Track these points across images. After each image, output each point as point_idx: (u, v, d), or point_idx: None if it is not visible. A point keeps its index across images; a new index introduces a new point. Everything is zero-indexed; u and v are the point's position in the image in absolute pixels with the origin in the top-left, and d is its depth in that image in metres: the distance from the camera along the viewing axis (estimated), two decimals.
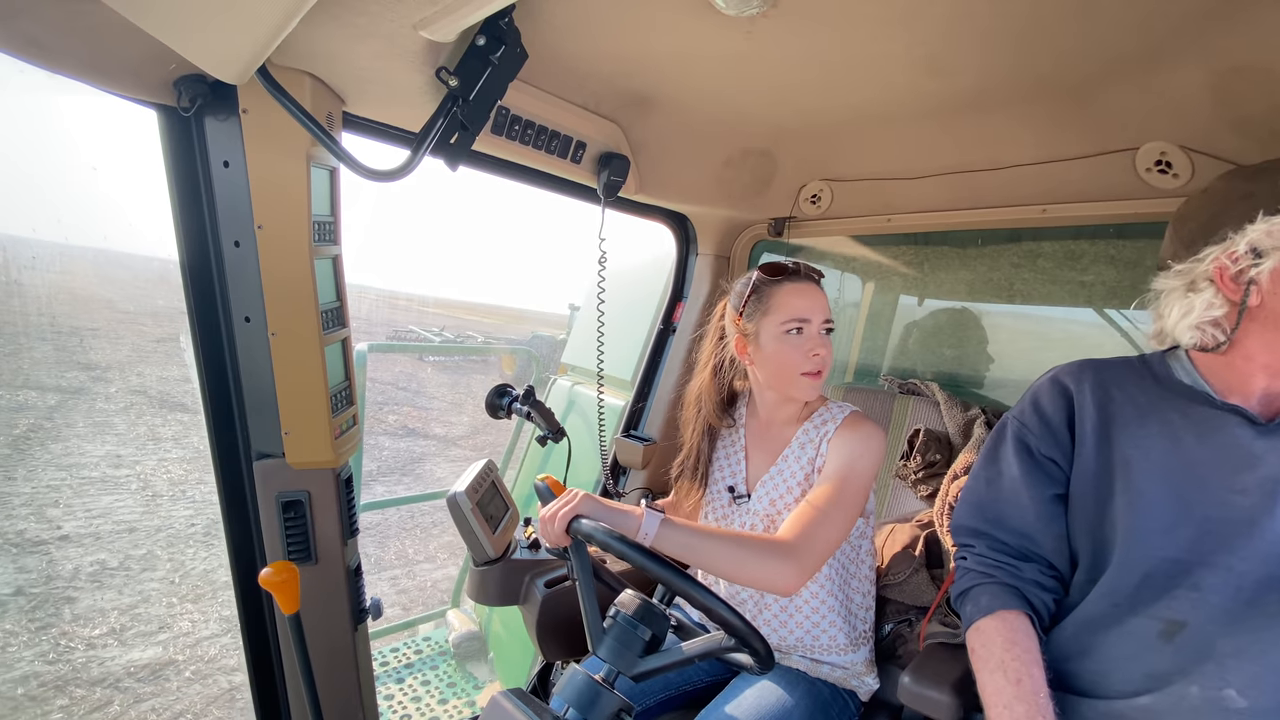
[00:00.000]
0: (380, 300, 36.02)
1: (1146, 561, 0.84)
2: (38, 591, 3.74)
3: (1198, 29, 0.95)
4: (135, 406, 8.00)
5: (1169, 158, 1.21)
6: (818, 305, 1.19)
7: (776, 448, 1.28)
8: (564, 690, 0.84)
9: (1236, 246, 0.80)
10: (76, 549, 4.27)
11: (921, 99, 1.29)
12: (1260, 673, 0.76)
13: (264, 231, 0.97)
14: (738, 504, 1.30)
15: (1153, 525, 0.84)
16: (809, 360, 1.17)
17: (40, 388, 8.08)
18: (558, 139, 1.32)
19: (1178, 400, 0.89)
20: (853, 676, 1.25)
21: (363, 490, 6.22)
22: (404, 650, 3.02)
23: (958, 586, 1.00)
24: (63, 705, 2.87)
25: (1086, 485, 0.92)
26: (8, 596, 3.64)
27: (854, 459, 1.14)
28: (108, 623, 3.54)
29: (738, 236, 2.00)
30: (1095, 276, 1.59)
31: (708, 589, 0.84)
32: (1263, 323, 0.81)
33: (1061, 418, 0.95)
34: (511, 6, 0.90)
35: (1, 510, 4.68)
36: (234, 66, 0.77)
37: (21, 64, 0.78)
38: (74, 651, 3.26)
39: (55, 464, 5.71)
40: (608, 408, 1.82)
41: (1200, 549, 0.81)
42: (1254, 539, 0.78)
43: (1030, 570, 0.95)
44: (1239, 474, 0.81)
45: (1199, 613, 0.80)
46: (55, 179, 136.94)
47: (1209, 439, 0.85)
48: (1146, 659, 0.83)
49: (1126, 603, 0.86)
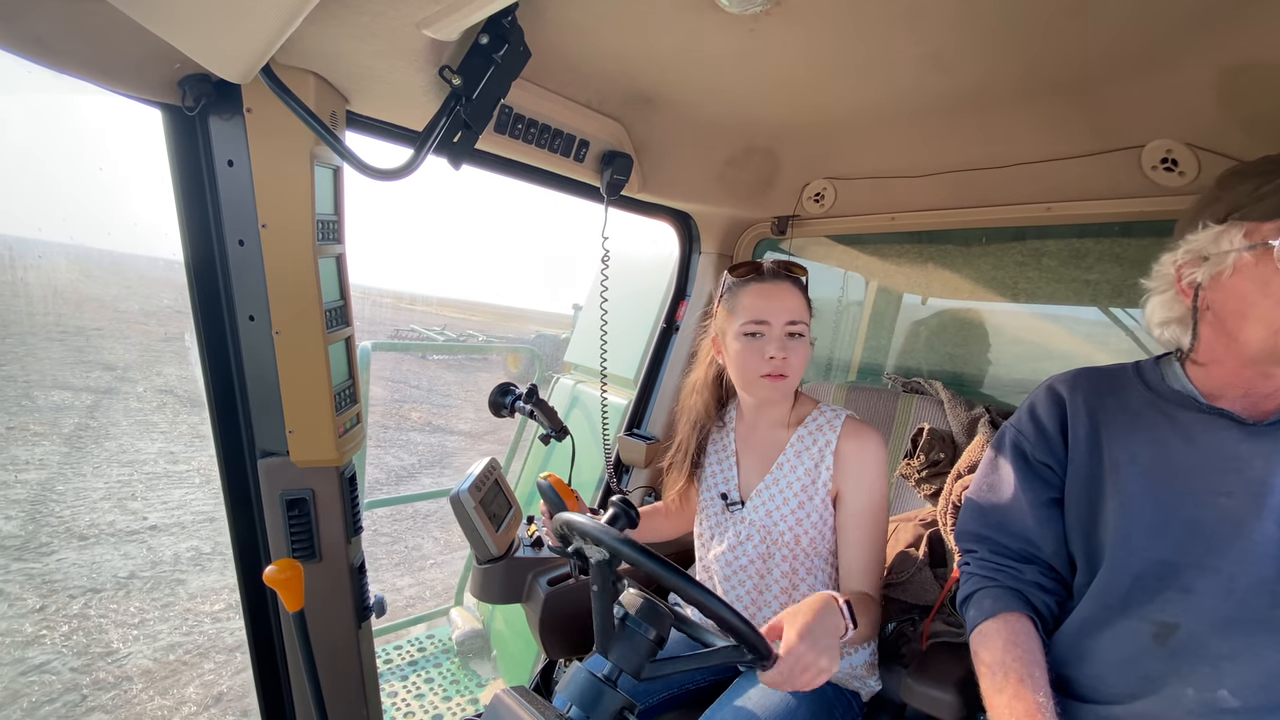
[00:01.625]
0: (374, 300, 36.27)
1: (1136, 563, 0.85)
2: (149, 575, 4.08)
3: (1203, 25, 0.95)
4: (168, 405, 8.31)
5: (1175, 155, 1.20)
6: (782, 307, 1.16)
7: (769, 454, 1.26)
8: (567, 688, 0.84)
9: (1191, 251, 0.85)
10: (169, 537, 4.60)
11: (925, 97, 1.28)
12: (1253, 674, 0.76)
13: (268, 230, 0.97)
14: (731, 511, 1.28)
15: (1140, 527, 0.85)
16: (766, 363, 1.15)
17: (71, 388, 8.40)
18: (561, 137, 1.32)
19: (1167, 405, 0.90)
20: (854, 678, 1.24)
21: (411, 482, 6.37)
22: (407, 648, 3.03)
23: (962, 591, 1.02)
24: (211, 668, 3.24)
25: (1079, 489, 0.94)
26: (125, 579, 3.98)
27: (871, 485, 1.17)
28: (223, 599, 3.87)
29: (741, 235, 2.00)
30: (1100, 275, 1.58)
31: (710, 591, 0.84)
32: (1214, 327, 0.84)
33: (1055, 425, 0.98)
34: (514, 5, 0.90)
35: (85, 504, 4.97)
36: (238, 66, 0.77)
37: (28, 64, 0.78)
38: (203, 624, 3.60)
39: (116, 460, 6.00)
40: (611, 406, 1.82)
41: (1188, 551, 0.82)
42: (1241, 541, 0.79)
43: (1031, 573, 0.97)
44: (1225, 476, 0.82)
45: (1191, 615, 0.80)
46: (63, 178, 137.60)
47: (1195, 442, 0.85)
48: (1141, 662, 0.83)
49: (1119, 605, 0.86)
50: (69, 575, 3.91)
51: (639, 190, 1.58)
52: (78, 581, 3.86)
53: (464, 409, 10.57)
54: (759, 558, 1.24)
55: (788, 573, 1.22)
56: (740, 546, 1.25)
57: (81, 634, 3.40)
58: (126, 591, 3.83)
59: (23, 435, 6.27)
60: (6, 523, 4.53)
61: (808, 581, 1.22)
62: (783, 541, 1.21)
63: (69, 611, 3.57)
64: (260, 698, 1.25)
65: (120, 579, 3.95)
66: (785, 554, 1.21)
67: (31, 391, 7.96)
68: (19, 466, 5.51)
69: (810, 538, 1.20)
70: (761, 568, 1.24)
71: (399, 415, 9.48)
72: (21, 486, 5.12)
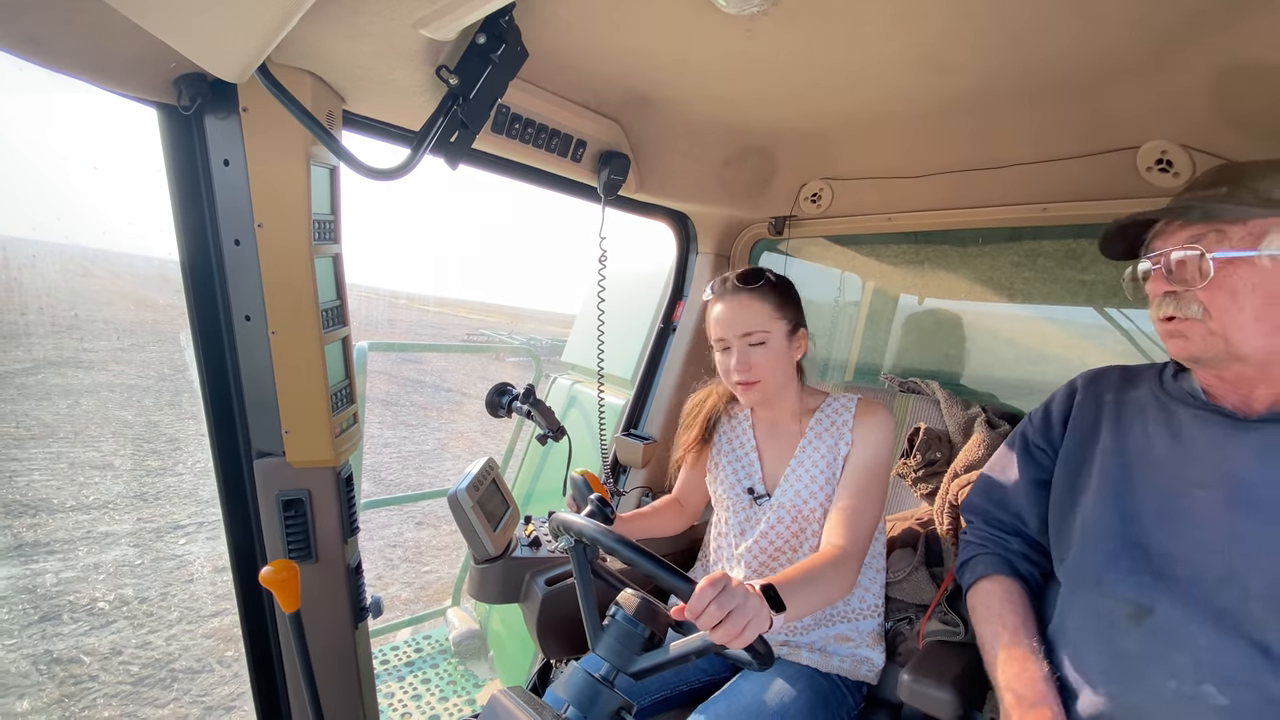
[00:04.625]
0: (384, 301, 36.92)
1: (1109, 543, 0.89)
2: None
3: (1198, 27, 0.95)
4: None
5: (1170, 156, 1.21)
6: (738, 321, 1.23)
7: (790, 444, 1.31)
8: (564, 688, 0.84)
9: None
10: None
11: (922, 98, 1.29)
12: (1235, 669, 0.76)
13: (264, 230, 0.97)
14: (759, 504, 1.32)
15: (1115, 510, 0.90)
16: (734, 373, 1.24)
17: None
18: (558, 137, 1.32)
19: (1169, 401, 0.93)
20: (860, 647, 1.26)
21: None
22: (404, 648, 3.02)
23: (961, 555, 1.13)
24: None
25: (1064, 471, 1.01)
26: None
27: (877, 446, 1.24)
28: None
29: (738, 235, 2.00)
30: (1096, 275, 1.58)
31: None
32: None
33: (1060, 414, 1.06)
34: (511, 5, 0.90)
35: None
36: (234, 65, 0.77)
37: (22, 62, 0.78)
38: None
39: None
40: (608, 406, 1.82)
41: (1160, 537, 0.85)
42: (1211, 532, 0.81)
43: (1017, 544, 1.08)
44: (1206, 468, 0.84)
45: (1165, 600, 0.82)
46: (57, 177, 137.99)
47: (1182, 435, 0.88)
48: (1113, 638, 0.85)
49: (1092, 580, 0.90)
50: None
51: (636, 190, 1.58)
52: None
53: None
54: (791, 537, 1.28)
55: (816, 546, 1.25)
56: (773, 531, 1.29)
57: None
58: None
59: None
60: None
61: None
62: (814, 518, 1.25)
63: None
64: (256, 699, 1.24)
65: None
66: (815, 529, 1.26)
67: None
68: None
69: None
70: (795, 544, 1.28)
71: (456, 410, 10.36)
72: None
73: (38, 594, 3.63)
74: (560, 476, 1.38)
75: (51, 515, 4.58)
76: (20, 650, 3.14)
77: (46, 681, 2.95)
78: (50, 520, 4.51)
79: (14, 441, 5.88)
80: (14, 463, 5.37)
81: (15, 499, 4.74)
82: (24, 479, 5.08)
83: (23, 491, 4.86)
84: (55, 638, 3.26)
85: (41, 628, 3.34)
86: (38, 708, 2.79)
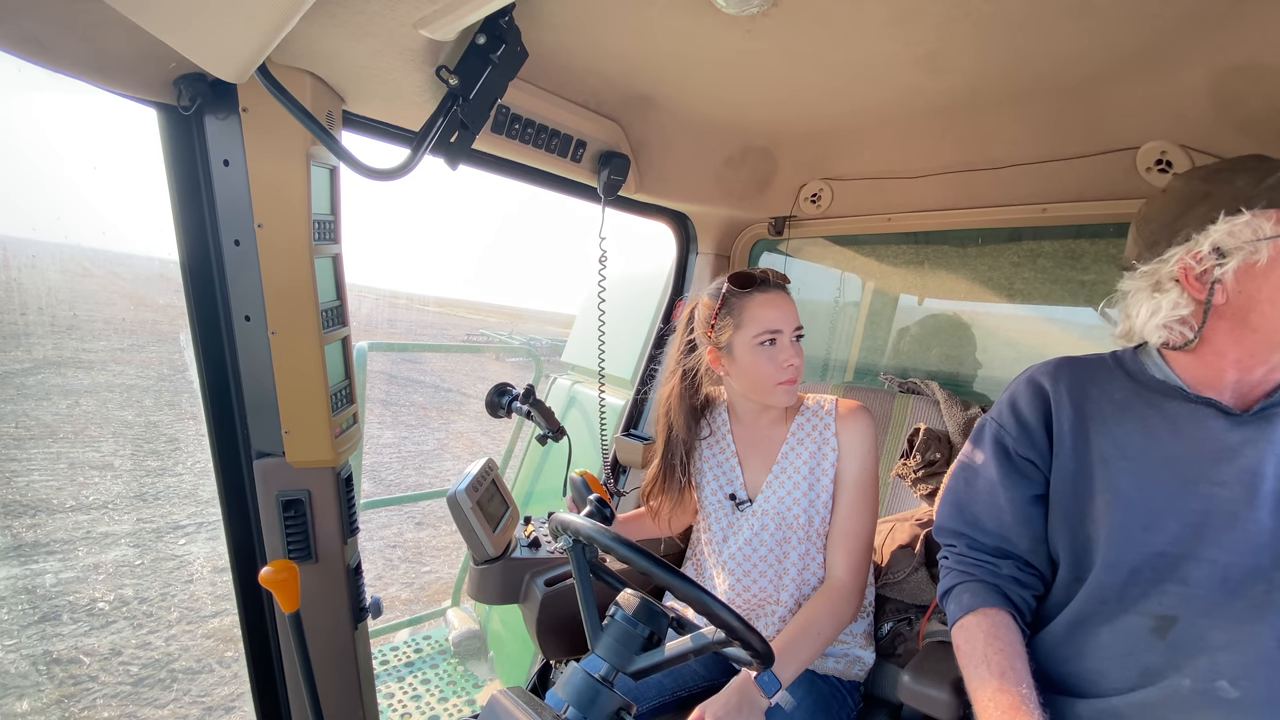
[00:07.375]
0: (384, 301, 37.12)
1: (1132, 558, 0.85)
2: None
3: (1198, 27, 0.95)
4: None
5: (1169, 157, 1.21)
6: (788, 314, 1.20)
7: (772, 448, 1.29)
8: (564, 688, 0.84)
9: (1200, 247, 0.82)
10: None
11: (922, 98, 1.29)
12: (1250, 663, 0.76)
13: (264, 230, 0.97)
14: (741, 510, 1.30)
15: (1134, 522, 0.85)
16: (784, 370, 1.19)
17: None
18: (558, 138, 1.32)
19: (1152, 396, 0.90)
20: (853, 647, 1.27)
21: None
22: (404, 649, 3.02)
23: (942, 585, 1.03)
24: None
25: (1066, 485, 0.93)
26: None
27: (863, 457, 1.23)
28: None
29: (738, 235, 2.00)
30: (1096, 276, 1.59)
31: (704, 590, 0.84)
32: (1230, 320, 0.83)
33: (1039, 419, 0.96)
34: (511, 5, 0.90)
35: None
36: (234, 65, 0.77)
37: (22, 62, 0.78)
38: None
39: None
40: (608, 407, 1.82)
41: (1184, 543, 0.82)
42: (1235, 530, 0.79)
43: (1008, 567, 0.97)
44: (1217, 466, 0.82)
45: (1189, 606, 0.81)
46: (56, 177, 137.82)
47: (1184, 432, 0.85)
48: (1140, 655, 0.83)
49: (1115, 599, 0.86)
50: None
51: (636, 191, 1.58)
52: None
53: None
54: (775, 545, 1.27)
55: (802, 554, 1.25)
56: (756, 538, 1.27)
57: None
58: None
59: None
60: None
61: (818, 560, 1.26)
62: (797, 525, 1.24)
63: None
64: (256, 700, 1.24)
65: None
66: (800, 536, 1.25)
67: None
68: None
69: (822, 517, 1.24)
70: (779, 553, 1.27)
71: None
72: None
73: (37, 594, 3.63)
74: (560, 477, 1.38)
75: (51, 515, 4.58)
76: (20, 650, 3.14)
77: (46, 682, 2.95)
78: (50, 520, 4.51)
79: (14, 441, 5.88)
80: (14, 463, 5.36)
81: (15, 499, 4.74)
82: (24, 479, 5.08)
83: (22, 492, 4.86)
84: (55, 638, 3.26)
85: (41, 628, 3.34)
86: (37, 708, 2.79)
